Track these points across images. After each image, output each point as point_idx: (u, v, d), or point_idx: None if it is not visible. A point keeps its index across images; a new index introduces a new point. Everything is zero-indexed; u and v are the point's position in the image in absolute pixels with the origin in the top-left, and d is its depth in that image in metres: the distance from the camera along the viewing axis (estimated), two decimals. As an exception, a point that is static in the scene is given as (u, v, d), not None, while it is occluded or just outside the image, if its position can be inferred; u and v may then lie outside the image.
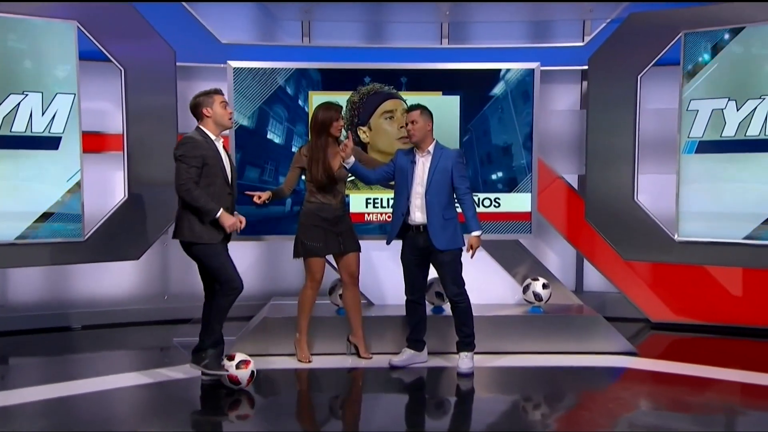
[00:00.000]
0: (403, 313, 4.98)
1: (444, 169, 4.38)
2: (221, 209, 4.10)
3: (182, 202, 4.16)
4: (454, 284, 4.44)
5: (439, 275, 4.56)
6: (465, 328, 4.47)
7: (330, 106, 4.64)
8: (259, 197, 4.49)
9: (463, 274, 5.27)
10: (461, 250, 4.48)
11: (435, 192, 4.37)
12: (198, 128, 4.23)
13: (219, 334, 4.21)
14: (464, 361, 4.45)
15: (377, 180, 4.67)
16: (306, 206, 4.65)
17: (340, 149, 4.45)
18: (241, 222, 4.19)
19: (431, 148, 4.46)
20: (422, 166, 4.43)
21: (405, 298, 4.62)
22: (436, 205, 4.37)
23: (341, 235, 4.66)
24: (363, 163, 4.83)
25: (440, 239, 4.38)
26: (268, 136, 5.19)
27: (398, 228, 4.51)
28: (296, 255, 4.66)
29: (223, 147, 4.29)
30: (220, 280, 4.14)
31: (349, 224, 4.75)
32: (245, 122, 5.15)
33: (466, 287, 4.38)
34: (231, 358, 4.16)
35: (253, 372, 4.14)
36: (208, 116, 4.21)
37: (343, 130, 4.80)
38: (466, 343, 4.47)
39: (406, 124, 4.46)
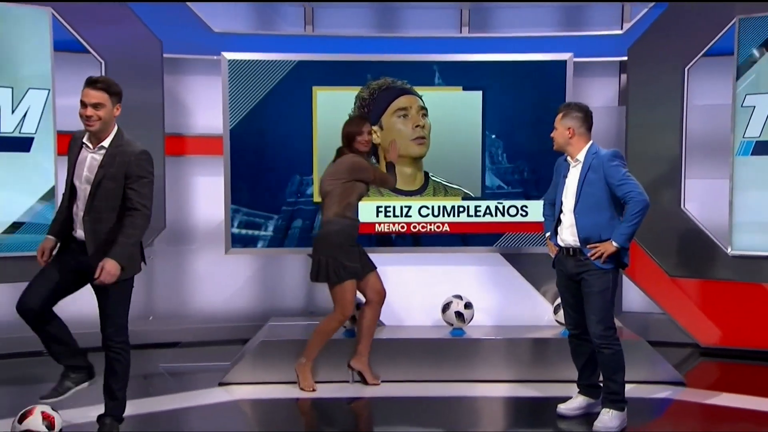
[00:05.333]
0: (419, 335, 5.06)
1: (594, 180, 3.98)
2: (48, 235, 3.79)
3: None
4: (599, 322, 4.00)
5: (584, 307, 4.12)
6: (611, 383, 4.03)
7: (352, 121, 4.72)
8: None
9: (488, 291, 5.27)
10: (614, 279, 4.05)
11: (587, 208, 3.99)
12: None
13: (52, 355, 3.90)
14: (602, 418, 4.00)
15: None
16: (342, 223, 4.59)
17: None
18: (40, 252, 3.77)
19: (582, 155, 4.07)
20: (573, 177, 4.08)
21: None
22: (589, 225, 3.99)
23: (363, 255, 4.73)
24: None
25: (593, 263, 4.00)
26: (267, 137, 5.19)
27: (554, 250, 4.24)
28: (338, 280, 4.55)
29: (107, 167, 3.64)
30: None
31: None
32: (241, 122, 5.15)
33: (493, 305, 4.25)
34: (25, 416, 3.69)
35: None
36: None
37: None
38: (611, 400, 4.04)
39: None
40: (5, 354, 5.33)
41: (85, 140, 3.68)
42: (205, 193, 5.90)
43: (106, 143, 3.64)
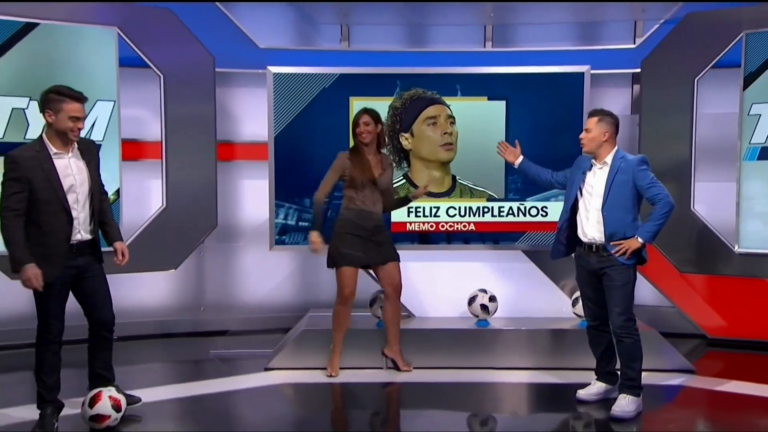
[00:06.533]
0: (447, 326, 5.11)
1: (623, 182, 4.04)
2: (29, 263, 3.49)
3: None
4: (621, 313, 4.08)
5: (606, 300, 4.18)
6: (628, 370, 4.10)
7: (359, 111, 4.74)
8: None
9: (511, 286, 5.34)
10: (634, 274, 4.15)
11: (614, 207, 4.04)
12: (40, 137, 3.66)
13: (47, 389, 3.73)
14: (620, 403, 4.05)
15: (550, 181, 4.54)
16: (342, 214, 4.70)
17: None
18: (37, 280, 3.52)
19: (609, 158, 4.12)
20: (599, 177, 4.12)
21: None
22: (615, 222, 4.05)
23: (381, 245, 4.73)
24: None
25: (616, 258, 4.06)
26: (309, 144, 5.31)
27: (560, 243, 4.30)
28: (330, 264, 4.71)
29: (85, 162, 3.70)
30: (38, 323, 3.71)
31: (387, 236, 4.83)
32: (285, 129, 5.29)
33: (515, 298, 4.25)
34: (95, 401, 3.67)
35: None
36: (49, 122, 3.60)
37: (386, 138, 4.91)
38: (628, 386, 4.10)
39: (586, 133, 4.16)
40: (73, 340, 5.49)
41: (55, 150, 3.60)
42: (251, 195, 6.01)
43: (75, 143, 3.72)
